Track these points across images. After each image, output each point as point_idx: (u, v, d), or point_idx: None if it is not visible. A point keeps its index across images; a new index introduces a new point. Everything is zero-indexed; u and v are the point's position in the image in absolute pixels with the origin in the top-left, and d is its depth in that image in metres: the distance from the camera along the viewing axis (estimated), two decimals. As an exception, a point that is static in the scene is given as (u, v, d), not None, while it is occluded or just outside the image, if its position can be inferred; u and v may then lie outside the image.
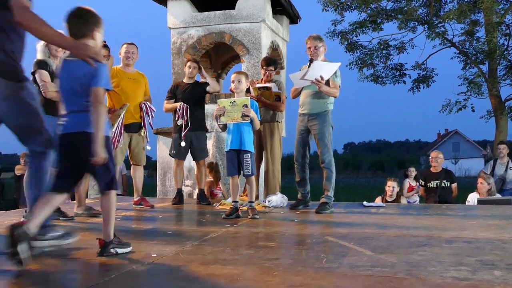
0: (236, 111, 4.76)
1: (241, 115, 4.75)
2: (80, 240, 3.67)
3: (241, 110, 4.75)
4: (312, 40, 5.35)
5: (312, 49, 5.33)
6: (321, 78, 5.11)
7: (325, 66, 5.21)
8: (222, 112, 4.80)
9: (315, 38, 5.36)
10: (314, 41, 5.35)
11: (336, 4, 16.19)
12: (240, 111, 4.75)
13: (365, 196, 11.68)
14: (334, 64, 5.26)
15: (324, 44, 5.41)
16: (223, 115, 4.79)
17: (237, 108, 4.76)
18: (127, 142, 5.59)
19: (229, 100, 4.82)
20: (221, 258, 2.98)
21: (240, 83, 4.92)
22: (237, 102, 4.77)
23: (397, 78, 17.55)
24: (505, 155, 8.42)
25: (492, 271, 2.61)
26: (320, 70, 5.15)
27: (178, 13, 8.57)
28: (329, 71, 5.19)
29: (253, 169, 4.91)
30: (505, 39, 15.89)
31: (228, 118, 4.79)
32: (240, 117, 4.76)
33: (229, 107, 4.77)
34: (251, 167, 4.86)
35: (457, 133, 55.42)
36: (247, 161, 4.83)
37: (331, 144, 5.38)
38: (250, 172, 4.87)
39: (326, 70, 5.18)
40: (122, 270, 2.69)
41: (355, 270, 2.66)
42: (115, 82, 5.48)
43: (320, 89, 5.20)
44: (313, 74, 5.14)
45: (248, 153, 4.85)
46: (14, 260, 2.65)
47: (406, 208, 6.12)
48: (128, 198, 6.92)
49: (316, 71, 5.14)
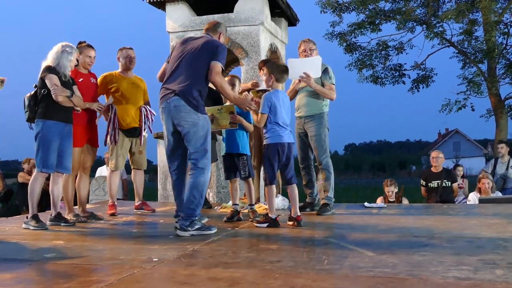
0: (225, 118, 4.78)
1: (229, 121, 4.77)
2: (82, 246, 3.68)
3: (228, 117, 4.76)
4: (307, 43, 5.43)
5: (307, 51, 5.39)
6: (306, 75, 5.16)
7: (304, 62, 5.27)
8: (210, 121, 4.80)
9: (309, 41, 5.45)
10: (308, 44, 5.42)
11: (334, 6, 16.19)
12: (228, 118, 4.77)
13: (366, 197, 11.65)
14: (314, 59, 5.29)
15: (316, 46, 5.49)
16: (212, 123, 4.78)
17: (224, 115, 4.77)
18: (128, 146, 5.59)
19: (216, 108, 4.82)
20: (222, 261, 2.98)
21: (234, 87, 4.92)
22: (224, 109, 4.79)
23: (396, 79, 17.53)
24: (505, 154, 8.42)
25: (494, 270, 2.61)
26: (300, 67, 5.19)
27: (176, 17, 8.59)
28: (311, 66, 5.22)
29: (250, 171, 4.91)
30: (503, 38, 15.87)
31: (218, 125, 4.80)
32: (228, 123, 4.78)
33: (217, 114, 4.78)
34: (247, 169, 4.86)
35: (458, 133, 55.35)
36: (243, 164, 4.84)
37: (327, 145, 5.40)
38: (247, 174, 4.88)
39: (307, 66, 5.21)
40: (123, 275, 2.69)
41: (356, 271, 2.66)
42: (114, 87, 5.48)
43: (311, 86, 5.23)
44: (294, 73, 5.16)
45: (243, 156, 4.86)
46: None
47: (407, 208, 6.11)
48: (129, 203, 6.92)
49: (296, 69, 5.16)
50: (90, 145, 5.22)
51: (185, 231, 3.96)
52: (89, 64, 5.21)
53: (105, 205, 6.04)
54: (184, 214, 4.01)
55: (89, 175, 5.42)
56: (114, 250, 3.51)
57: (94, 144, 5.28)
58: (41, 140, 4.56)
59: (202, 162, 4.06)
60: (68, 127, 4.73)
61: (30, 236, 4.18)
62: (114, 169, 5.55)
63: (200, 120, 4.07)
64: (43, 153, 4.55)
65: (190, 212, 4.00)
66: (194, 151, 4.07)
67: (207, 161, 4.10)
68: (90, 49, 5.18)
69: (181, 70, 4.14)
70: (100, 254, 3.32)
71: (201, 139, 4.07)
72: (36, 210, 4.61)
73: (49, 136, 4.56)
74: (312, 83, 5.22)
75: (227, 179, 5.06)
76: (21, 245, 3.78)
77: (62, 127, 4.66)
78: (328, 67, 5.41)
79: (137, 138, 5.63)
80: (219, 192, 8.16)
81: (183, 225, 3.99)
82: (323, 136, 5.34)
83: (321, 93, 5.31)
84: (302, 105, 5.46)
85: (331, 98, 5.38)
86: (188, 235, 3.93)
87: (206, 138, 4.10)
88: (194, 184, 4.03)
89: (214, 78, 4.08)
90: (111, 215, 5.43)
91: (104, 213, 5.46)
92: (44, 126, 4.56)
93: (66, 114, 4.70)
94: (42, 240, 3.92)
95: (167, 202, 7.58)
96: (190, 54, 4.16)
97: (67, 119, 4.72)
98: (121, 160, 5.58)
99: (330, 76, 5.36)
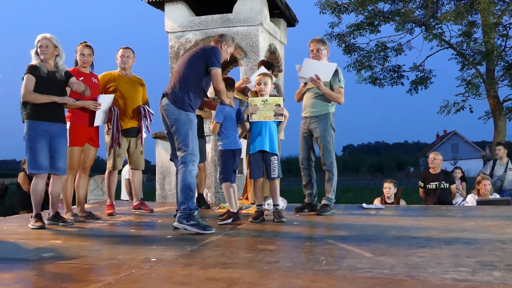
0: (268, 110, 4.82)
1: (273, 114, 4.82)
2: (80, 246, 3.68)
3: (273, 109, 4.81)
4: (315, 42, 5.37)
5: (314, 52, 5.35)
6: (316, 77, 5.13)
7: (319, 65, 5.22)
8: (254, 111, 4.82)
9: (318, 41, 5.39)
10: (316, 44, 5.36)
11: (333, 7, 16.19)
12: (272, 110, 4.82)
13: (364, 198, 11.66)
14: (329, 65, 5.26)
15: (327, 47, 5.43)
16: (255, 113, 4.81)
17: (269, 107, 4.82)
18: (125, 146, 5.58)
19: (260, 99, 4.88)
20: (220, 262, 2.98)
21: (266, 85, 4.93)
22: (269, 101, 4.84)
23: (395, 80, 17.53)
24: (504, 156, 8.45)
25: (492, 272, 2.61)
26: (313, 68, 5.17)
27: (175, 17, 8.59)
28: (325, 71, 5.19)
29: (280, 171, 4.92)
30: (502, 40, 15.90)
31: (260, 116, 4.82)
32: (273, 115, 4.82)
33: (261, 105, 4.82)
34: (277, 169, 4.87)
35: (456, 134, 55.41)
36: (274, 164, 4.85)
37: (333, 146, 5.37)
38: (277, 175, 4.88)
39: (321, 70, 5.18)
40: (121, 274, 2.69)
41: (354, 272, 2.66)
42: (113, 86, 5.48)
43: (320, 89, 5.20)
44: (307, 72, 5.15)
45: (275, 156, 4.87)
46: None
47: (405, 209, 6.12)
48: (127, 203, 6.92)
49: (309, 70, 5.16)
50: (91, 144, 5.21)
51: (180, 223, 4.18)
52: (84, 62, 5.15)
53: (103, 205, 6.03)
54: (181, 208, 4.24)
55: (88, 175, 5.41)
56: (112, 250, 3.51)
57: (95, 144, 5.26)
58: (27, 141, 4.51)
59: (184, 157, 4.26)
60: (57, 126, 4.60)
61: (28, 235, 4.17)
62: (112, 169, 5.55)
63: (182, 116, 4.29)
64: (30, 154, 4.49)
65: (183, 206, 4.21)
66: (178, 147, 4.31)
67: (190, 156, 4.27)
68: (84, 47, 5.15)
69: (174, 75, 4.45)
70: (98, 254, 3.31)
71: (183, 134, 4.27)
72: (39, 209, 4.60)
73: (34, 136, 4.49)
74: (321, 85, 5.19)
75: (253, 178, 4.96)
76: (19, 244, 3.77)
77: (48, 126, 4.53)
78: (338, 69, 5.33)
79: (135, 138, 5.63)
80: (217, 193, 8.15)
81: (180, 217, 4.20)
82: (328, 137, 5.33)
83: (329, 97, 5.28)
84: (308, 106, 5.44)
85: (339, 102, 5.34)
86: (181, 227, 4.14)
87: (187, 134, 4.28)
88: (181, 179, 4.27)
89: (219, 86, 4.40)
90: (109, 215, 5.43)
91: (102, 213, 5.45)
92: (28, 127, 4.52)
93: (53, 113, 4.56)
94: (41, 240, 3.92)
95: (165, 202, 7.58)
96: (183, 60, 4.45)
97: (54, 118, 4.58)
98: (119, 160, 5.57)
99: (339, 79, 5.31)
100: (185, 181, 4.23)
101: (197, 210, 4.22)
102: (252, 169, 4.92)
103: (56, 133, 4.60)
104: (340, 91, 5.29)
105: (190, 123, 4.31)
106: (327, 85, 5.26)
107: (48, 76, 4.57)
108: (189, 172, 4.24)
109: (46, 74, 4.56)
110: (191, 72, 4.34)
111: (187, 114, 4.30)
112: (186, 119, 4.29)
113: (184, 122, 4.28)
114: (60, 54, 4.67)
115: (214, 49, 4.39)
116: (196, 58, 4.38)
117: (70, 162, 4.95)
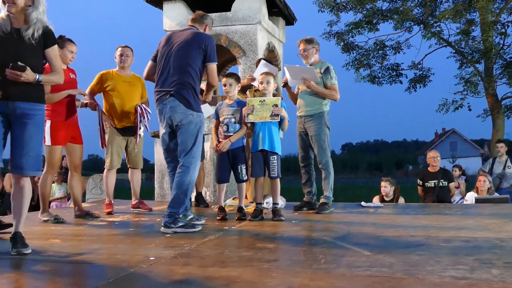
0: (266, 110, 4.80)
1: (270, 114, 4.80)
2: (78, 245, 3.67)
3: (270, 109, 4.79)
4: (303, 43, 5.43)
5: (301, 52, 5.42)
6: (304, 79, 5.21)
7: (300, 69, 5.30)
8: (250, 111, 4.82)
9: (304, 41, 5.43)
10: (302, 44, 5.43)
11: (332, 5, 16.19)
12: (269, 110, 4.80)
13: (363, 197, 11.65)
14: (308, 69, 5.31)
15: (315, 45, 5.44)
16: (251, 113, 4.81)
17: (266, 107, 4.80)
18: (123, 145, 5.57)
19: (258, 99, 4.87)
20: (219, 260, 2.98)
21: (269, 84, 4.93)
22: (267, 101, 4.82)
23: (393, 78, 17.54)
24: (504, 154, 8.46)
25: (490, 269, 2.62)
26: (296, 72, 5.27)
27: (174, 16, 8.56)
28: (307, 73, 5.25)
29: (279, 171, 4.90)
30: (500, 38, 15.90)
31: (257, 116, 4.81)
32: (269, 116, 4.80)
33: (258, 106, 4.81)
34: (277, 169, 4.86)
35: (455, 132, 55.44)
36: (273, 163, 4.84)
37: (328, 144, 5.39)
38: (276, 174, 4.87)
39: (304, 73, 5.26)
40: (120, 274, 2.68)
41: (353, 270, 2.66)
42: (110, 85, 5.47)
43: (312, 89, 5.25)
44: (294, 77, 5.28)
45: (275, 155, 4.86)
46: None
47: (404, 208, 6.12)
48: (126, 202, 6.91)
49: (293, 74, 5.27)
50: (74, 143, 5.04)
51: (168, 227, 4.03)
52: (71, 60, 5.02)
53: (101, 203, 6.03)
54: (168, 212, 4.07)
55: (80, 173, 5.30)
56: (111, 249, 3.51)
57: (78, 141, 5.10)
58: None
59: (188, 161, 4.10)
60: (13, 106, 3.20)
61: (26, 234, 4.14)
62: (109, 167, 5.53)
63: (194, 118, 4.14)
64: None
65: (172, 210, 4.06)
66: (182, 149, 4.13)
67: (193, 159, 4.12)
68: (73, 44, 5.00)
69: (172, 69, 4.18)
70: (96, 253, 3.31)
71: (191, 137, 4.12)
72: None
73: None
74: (312, 84, 5.22)
75: (254, 176, 4.97)
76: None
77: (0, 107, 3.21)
78: (329, 67, 5.37)
79: (132, 137, 5.61)
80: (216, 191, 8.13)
81: (166, 222, 4.05)
82: (323, 135, 5.34)
83: (323, 95, 5.31)
84: (302, 105, 5.47)
85: (334, 99, 5.38)
86: (170, 232, 4.00)
87: (196, 137, 4.14)
88: (179, 183, 4.09)
89: (216, 82, 4.29)
90: (107, 214, 5.42)
91: (101, 212, 5.45)
92: None
93: (2, 88, 3.18)
94: (39, 239, 3.91)
95: (164, 201, 7.57)
96: (179, 50, 4.20)
97: (7, 96, 3.19)
98: (116, 158, 5.55)
99: (331, 76, 5.34)
100: (183, 186, 4.07)
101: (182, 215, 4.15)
102: (253, 168, 4.95)
103: (17, 117, 3.24)
104: (334, 88, 5.34)
105: (202, 125, 4.22)
106: (320, 84, 5.30)
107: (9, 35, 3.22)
108: (190, 178, 4.10)
109: (7, 33, 3.21)
110: (194, 69, 4.16)
111: (198, 115, 4.19)
112: (198, 121, 4.17)
113: (195, 124, 4.15)
114: (35, 3, 3.28)
115: (213, 41, 4.28)
116: (195, 50, 4.16)
117: (51, 161, 4.87)
